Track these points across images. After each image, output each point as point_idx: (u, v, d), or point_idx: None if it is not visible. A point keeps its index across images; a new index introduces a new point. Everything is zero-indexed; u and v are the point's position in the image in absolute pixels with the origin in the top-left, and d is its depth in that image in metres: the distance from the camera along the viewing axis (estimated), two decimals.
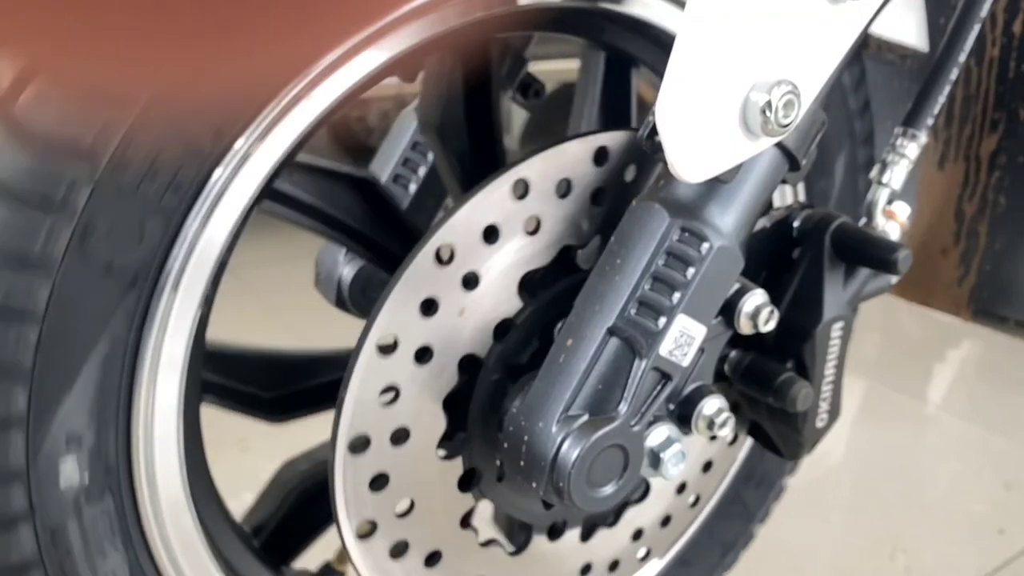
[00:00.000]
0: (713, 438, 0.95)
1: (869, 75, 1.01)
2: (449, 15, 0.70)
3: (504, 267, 0.75)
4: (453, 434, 0.79)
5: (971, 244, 1.18)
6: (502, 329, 0.77)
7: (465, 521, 0.83)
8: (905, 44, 0.98)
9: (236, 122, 0.63)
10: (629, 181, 0.79)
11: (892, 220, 0.85)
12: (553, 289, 0.79)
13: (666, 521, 0.97)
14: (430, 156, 1.12)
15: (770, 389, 0.81)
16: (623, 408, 0.69)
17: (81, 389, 0.63)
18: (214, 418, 0.89)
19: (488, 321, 0.76)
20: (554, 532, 0.90)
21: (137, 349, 0.65)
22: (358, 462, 0.73)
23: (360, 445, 0.73)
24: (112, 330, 0.63)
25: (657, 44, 0.90)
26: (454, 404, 0.77)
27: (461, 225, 0.72)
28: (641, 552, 0.97)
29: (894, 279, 0.86)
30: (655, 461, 0.73)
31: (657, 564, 1.05)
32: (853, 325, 0.85)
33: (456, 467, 0.81)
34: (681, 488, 0.97)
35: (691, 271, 0.69)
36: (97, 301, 0.61)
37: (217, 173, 0.63)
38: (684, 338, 0.70)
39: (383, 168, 1.14)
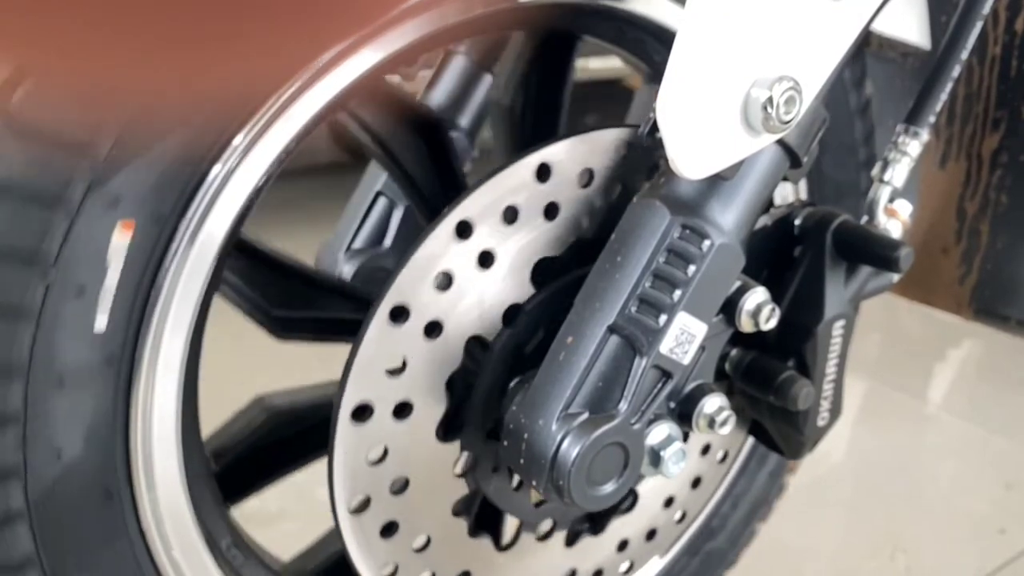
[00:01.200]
0: (706, 450, 0.95)
1: (870, 73, 1.01)
2: (448, 12, 0.70)
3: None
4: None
5: (972, 243, 1.18)
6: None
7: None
8: (907, 42, 0.98)
9: (234, 120, 0.63)
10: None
11: (894, 218, 0.85)
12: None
13: (651, 535, 0.97)
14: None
15: (771, 388, 0.80)
16: (623, 406, 0.69)
17: None
18: (214, 418, 0.89)
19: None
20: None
21: (135, 351, 0.65)
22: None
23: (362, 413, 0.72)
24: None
25: (658, 42, 0.89)
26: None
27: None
28: (624, 565, 0.97)
29: (895, 277, 0.85)
30: (655, 459, 0.73)
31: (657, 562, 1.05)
32: (854, 323, 0.85)
33: None
34: (668, 502, 0.96)
35: (692, 268, 0.68)
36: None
37: (215, 170, 0.63)
38: (685, 336, 0.69)
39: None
